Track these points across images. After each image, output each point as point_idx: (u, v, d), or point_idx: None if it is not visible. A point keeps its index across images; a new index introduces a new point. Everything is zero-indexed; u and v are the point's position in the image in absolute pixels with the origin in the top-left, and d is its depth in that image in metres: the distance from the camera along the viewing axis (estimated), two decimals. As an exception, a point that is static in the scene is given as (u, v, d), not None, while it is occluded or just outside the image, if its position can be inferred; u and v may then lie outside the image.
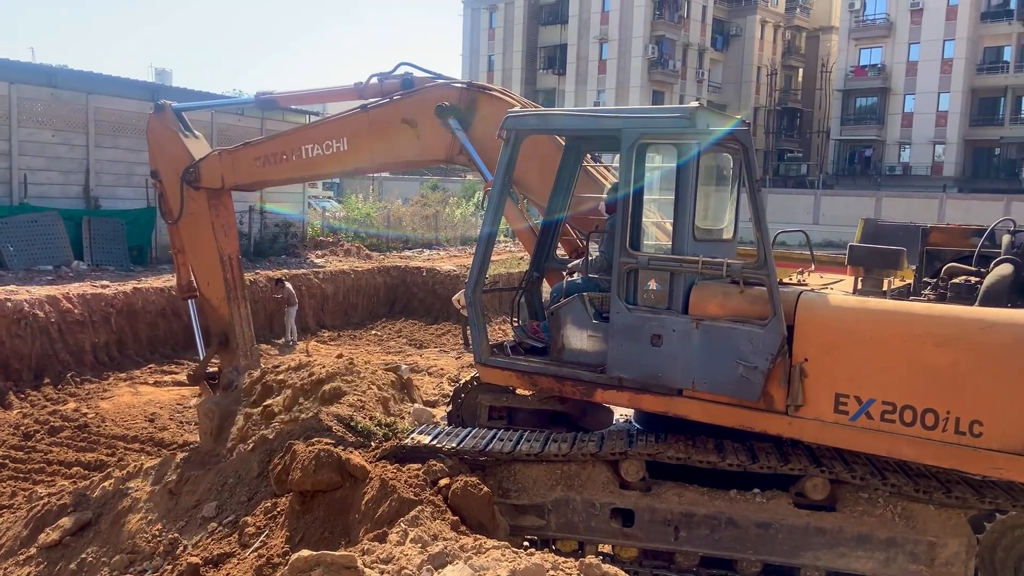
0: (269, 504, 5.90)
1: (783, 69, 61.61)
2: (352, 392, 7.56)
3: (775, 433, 5.02)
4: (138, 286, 16.11)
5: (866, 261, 5.52)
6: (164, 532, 6.41)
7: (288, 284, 17.80)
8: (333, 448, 5.58)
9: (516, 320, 6.41)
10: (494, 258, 12.38)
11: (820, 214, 42.89)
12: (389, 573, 4.09)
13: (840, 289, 5.42)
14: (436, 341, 18.85)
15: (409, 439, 5.80)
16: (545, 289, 6.76)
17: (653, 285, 5.23)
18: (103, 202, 20.12)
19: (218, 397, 8.54)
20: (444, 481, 5.22)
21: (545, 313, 6.25)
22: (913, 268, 6.08)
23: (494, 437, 5.72)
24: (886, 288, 5.47)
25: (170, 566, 5.93)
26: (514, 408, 6.43)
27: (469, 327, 6.07)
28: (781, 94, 61.63)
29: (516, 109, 6.25)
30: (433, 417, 7.54)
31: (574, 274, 6.16)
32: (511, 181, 5.95)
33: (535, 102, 7.88)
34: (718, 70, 59.32)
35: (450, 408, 6.86)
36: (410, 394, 8.37)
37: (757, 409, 4.96)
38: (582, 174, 6.63)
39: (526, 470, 5.49)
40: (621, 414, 6.56)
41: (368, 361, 8.96)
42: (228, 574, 5.43)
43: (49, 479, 9.62)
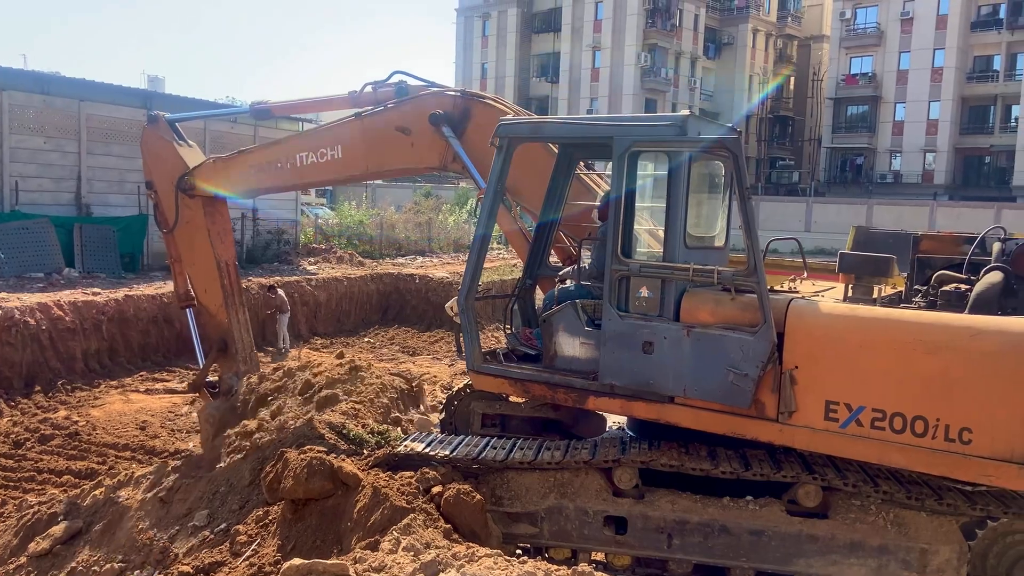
0: (261, 512, 5.87)
1: (775, 78, 61.90)
2: (347, 399, 7.54)
3: (766, 440, 5.03)
4: (129, 293, 16.07)
5: (856, 269, 5.55)
6: (155, 541, 6.38)
7: (280, 291, 17.77)
8: (325, 456, 5.57)
9: (509, 327, 6.42)
10: (487, 265, 12.39)
11: (812, 221, 43.09)
12: (381, 581, 4.08)
13: (831, 296, 5.44)
14: (429, 348, 18.83)
15: (402, 447, 5.79)
16: (538, 296, 6.77)
17: (645, 292, 5.24)
18: (95, 209, 20.06)
19: (218, 403, 8.54)
20: (437, 489, 5.22)
21: (538, 320, 6.25)
22: (905, 276, 6.11)
23: (487, 445, 5.72)
24: (876, 295, 5.50)
25: (161, 575, 5.90)
26: (507, 415, 6.44)
27: (462, 334, 6.07)
28: (773, 102, 61.94)
29: (509, 117, 6.27)
30: (434, 427, 7.51)
31: (566, 281, 6.17)
32: (504, 189, 5.96)
33: (528, 110, 7.91)
34: (710, 78, 59.59)
35: (443, 415, 6.86)
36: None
37: (748, 416, 4.98)
38: (575, 182, 6.65)
39: (519, 478, 5.48)
40: (614, 421, 6.56)
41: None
42: (219, 583, 5.41)
43: (39, 487, 9.56)
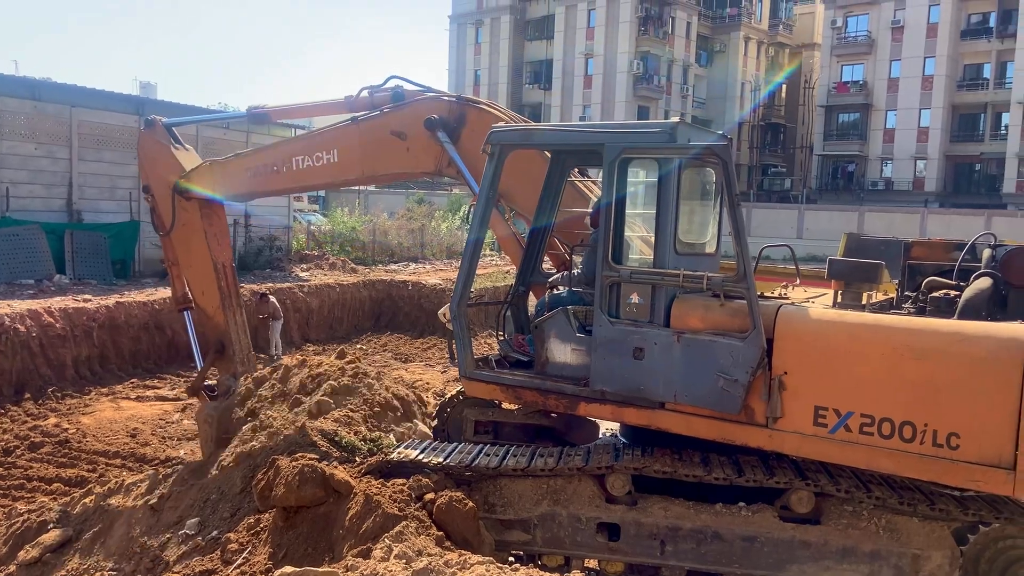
0: (252, 520, 5.85)
1: (766, 85, 62.20)
2: (340, 407, 7.50)
3: (756, 446, 5.03)
4: (120, 300, 15.97)
5: (846, 275, 5.58)
6: (146, 549, 6.35)
7: (272, 298, 17.72)
8: (317, 463, 5.56)
9: (501, 334, 6.42)
10: (479, 272, 12.38)
11: (804, 228, 43.26)
12: (373, 589, 4.06)
13: (821, 303, 5.46)
14: (421, 355, 18.80)
15: (395, 454, 5.78)
16: (531, 303, 6.78)
17: (635, 298, 5.24)
18: (86, 215, 19.96)
19: (216, 404, 8.52)
20: (429, 496, 5.21)
21: (530, 327, 6.26)
22: (896, 282, 6.14)
23: (480, 452, 5.71)
24: (866, 301, 5.53)
25: (151, 583, 5.88)
26: (500, 422, 6.43)
27: (454, 341, 6.07)
28: (765, 109, 62.24)
29: (501, 124, 6.28)
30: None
31: (558, 287, 6.19)
32: (496, 195, 5.97)
33: (521, 116, 7.94)
34: (702, 86, 59.85)
35: (435, 422, 6.85)
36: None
37: (738, 422, 4.98)
38: (568, 188, 6.67)
39: (512, 485, 5.48)
40: (607, 428, 6.57)
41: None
42: (210, 591, 5.39)
43: (29, 495, 9.49)
